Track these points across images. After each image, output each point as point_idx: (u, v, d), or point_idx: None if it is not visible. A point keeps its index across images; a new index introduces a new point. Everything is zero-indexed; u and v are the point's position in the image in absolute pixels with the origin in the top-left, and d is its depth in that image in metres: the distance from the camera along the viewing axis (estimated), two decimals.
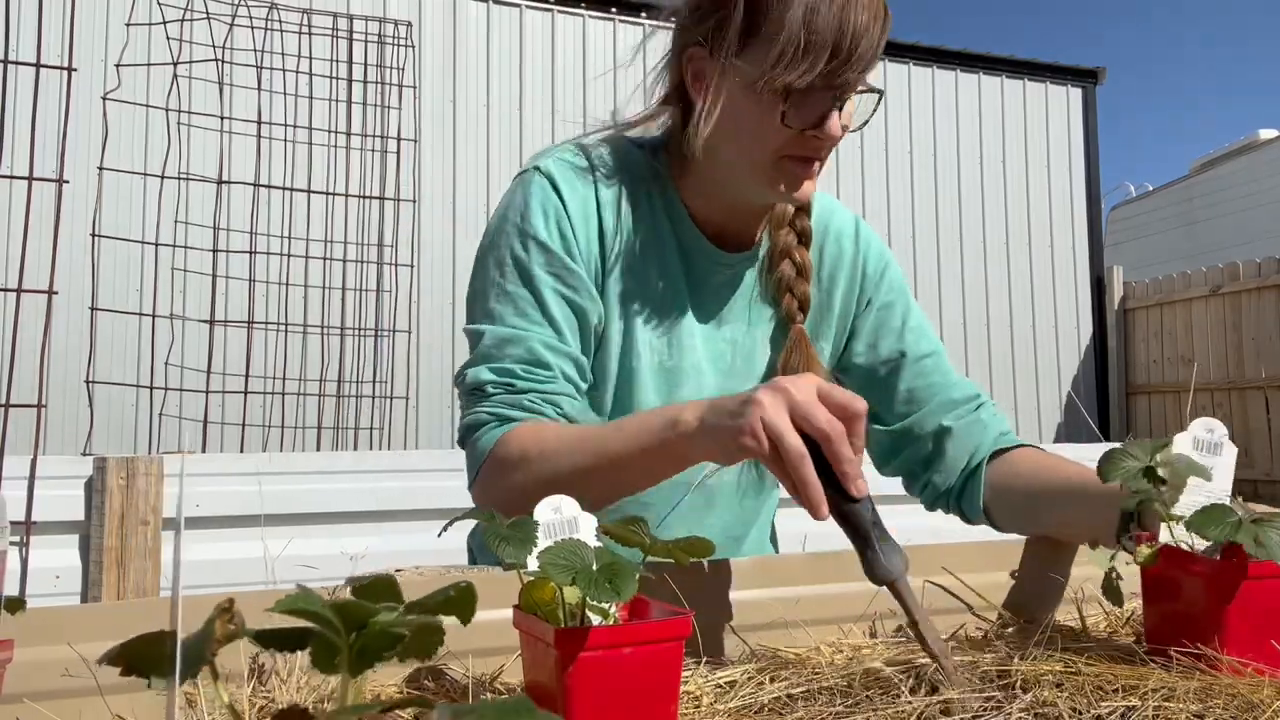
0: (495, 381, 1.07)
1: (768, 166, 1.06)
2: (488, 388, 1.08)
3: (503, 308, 1.10)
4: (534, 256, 1.10)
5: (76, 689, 0.67)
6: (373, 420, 5.19)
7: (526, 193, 1.12)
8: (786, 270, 1.18)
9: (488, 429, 1.07)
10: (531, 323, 1.09)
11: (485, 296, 1.12)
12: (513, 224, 1.12)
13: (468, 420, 1.09)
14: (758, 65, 1.01)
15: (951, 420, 1.19)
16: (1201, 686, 0.65)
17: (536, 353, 1.07)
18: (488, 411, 1.07)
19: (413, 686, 0.72)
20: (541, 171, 1.13)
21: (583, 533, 0.68)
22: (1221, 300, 7.93)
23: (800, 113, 1.02)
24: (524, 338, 1.08)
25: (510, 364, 1.07)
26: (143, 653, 0.43)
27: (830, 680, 0.71)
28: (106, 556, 2.37)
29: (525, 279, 1.10)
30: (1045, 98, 8.07)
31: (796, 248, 1.18)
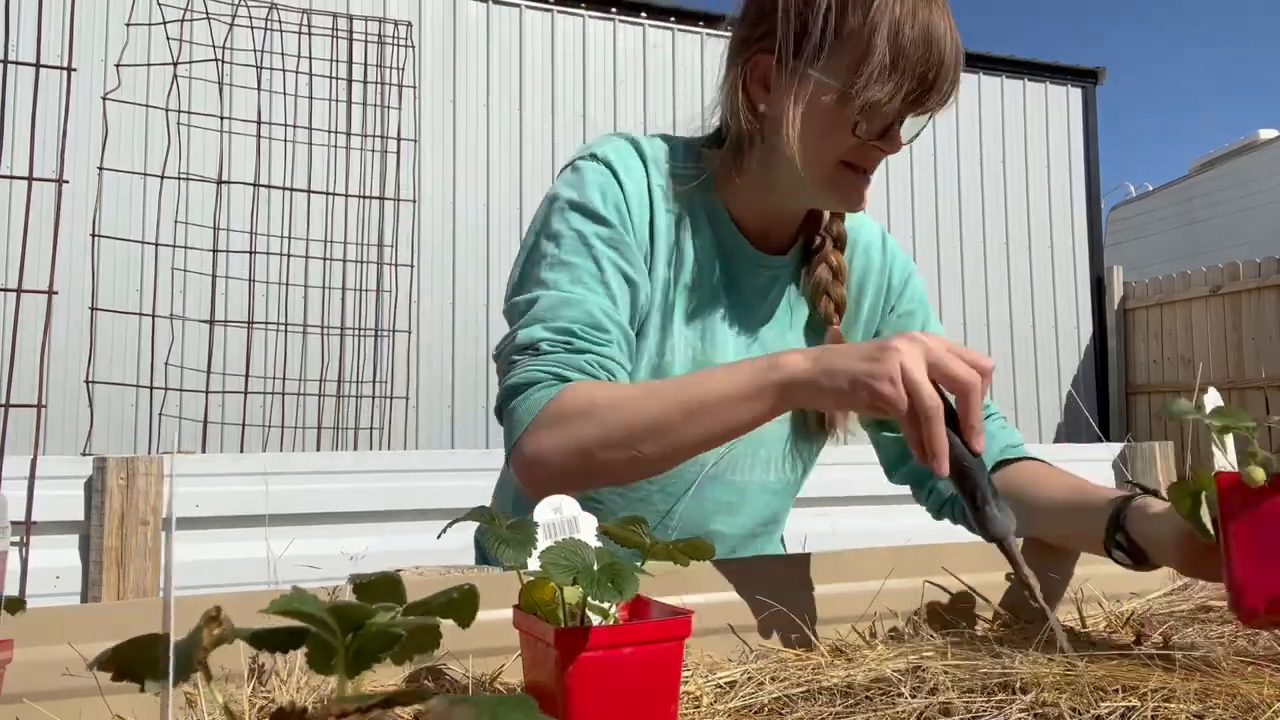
0: (551, 339, 1.02)
1: (828, 173, 1.09)
2: (543, 345, 1.02)
3: (558, 275, 1.06)
4: (592, 228, 1.09)
5: (76, 689, 0.67)
6: (373, 420, 5.19)
7: (583, 175, 1.12)
8: (823, 274, 1.20)
9: (541, 387, 1.00)
10: (589, 290, 1.06)
11: (536, 267, 1.08)
12: (568, 201, 1.11)
13: (517, 378, 1.02)
14: (838, 77, 1.04)
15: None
16: (1201, 687, 0.65)
17: (595, 316, 1.04)
18: (542, 369, 1.01)
19: (412, 686, 0.72)
20: (598, 158, 1.13)
21: (583, 533, 0.68)
22: (1221, 300, 7.93)
23: (871, 125, 1.05)
24: (581, 301, 1.05)
25: (567, 323, 1.03)
26: (134, 656, 0.43)
27: (830, 680, 0.71)
28: (106, 556, 2.37)
29: (583, 249, 1.08)
30: (1045, 98, 8.07)
31: (832, 251, 1.20)
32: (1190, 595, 0.96)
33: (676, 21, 7.10)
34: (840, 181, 1.09)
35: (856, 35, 1.02)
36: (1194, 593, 0.97)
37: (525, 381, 1.01)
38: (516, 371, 1.02)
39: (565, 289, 1.05)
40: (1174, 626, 0.88)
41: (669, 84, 7.04)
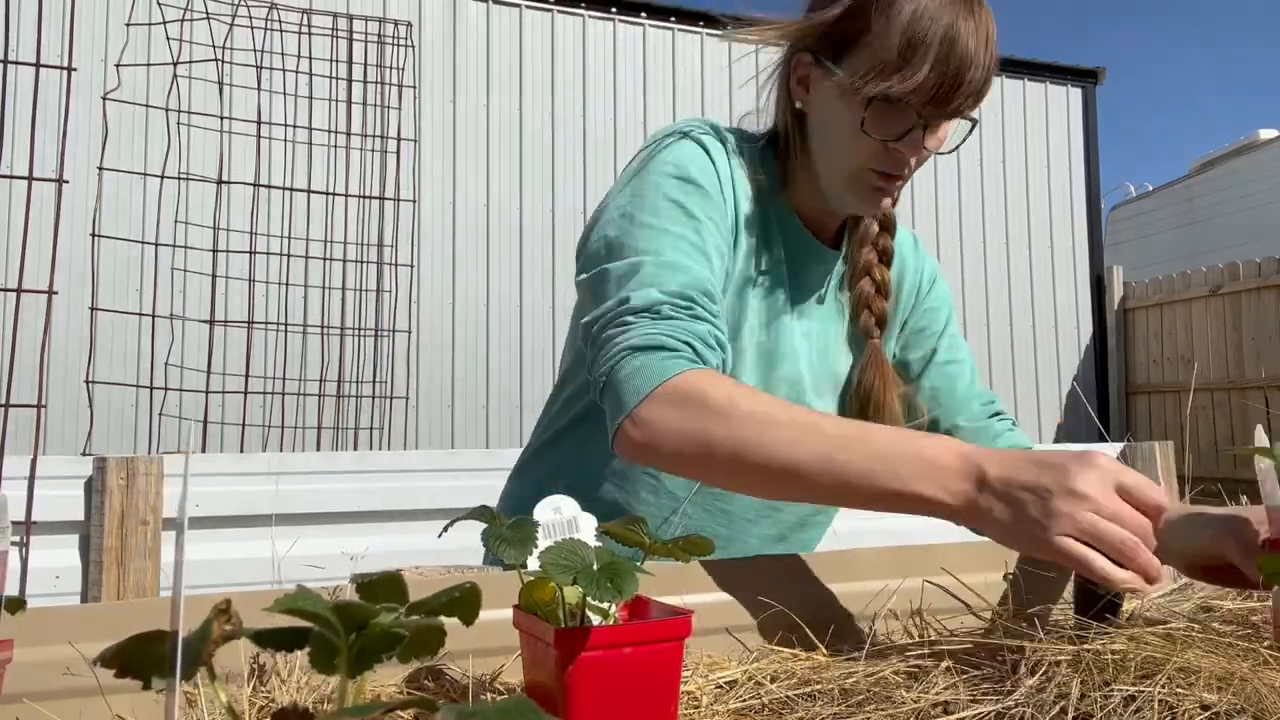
0: (674, 304, 0.96)
1: (849, 175, 1.09)
2: (664, 308, 0.95)
3: (661, 244, 1.01)
4: (693, 199, 1.06)
5: (76, 689, 0.67)
6: (373, 420, 5.19)
7: (679, 150, 1.10)
8: (866, 287, 1.20)
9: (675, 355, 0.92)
10: (693, 260, 1.02)
11: (631, 235, 1.03)
12: (662, 174, 1.07)
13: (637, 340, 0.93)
14: (852, 72, 1.03)
15: (964, 420, 1.24)
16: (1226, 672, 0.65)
17: (705, 284, 1.00)
18: (668, 334, 0.94)
19: (413, 686, 0.72)
20: (690, 137, 1.12)
21: (583, 533, 0.68)
22: (1221, 300, 7.93)
23: (882, 125, 1.04)
24: (691, 269, 1.00)
25: (684, 289, 0.98)
26: (138, 653, 0.43)
27: (830, 680, 0.71)
28: (106, 556, 2.37)
29: (684, 219, 1.04)
30: (1045, 98, 8.07)
31: (877, 265, 1.21)
32: (1190, 595, 0.96)
33: (676, 21, 7.10)
34: (860, 184, 1.09)
35: (877, 33, 1.01)
36: (1194, 592, 0.97)
37: (650, 344, 0.93)
38: (635, 333, 0.94)
39: (669, 257, 1.00)
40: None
41: (669, 84, 7.04)
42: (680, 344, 0.94)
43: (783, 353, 1.18)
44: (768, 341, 1.17)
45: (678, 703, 0.62)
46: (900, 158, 1.06)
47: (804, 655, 0.79)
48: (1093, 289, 8.14)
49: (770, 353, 1.17)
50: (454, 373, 6.34)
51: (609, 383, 0.95)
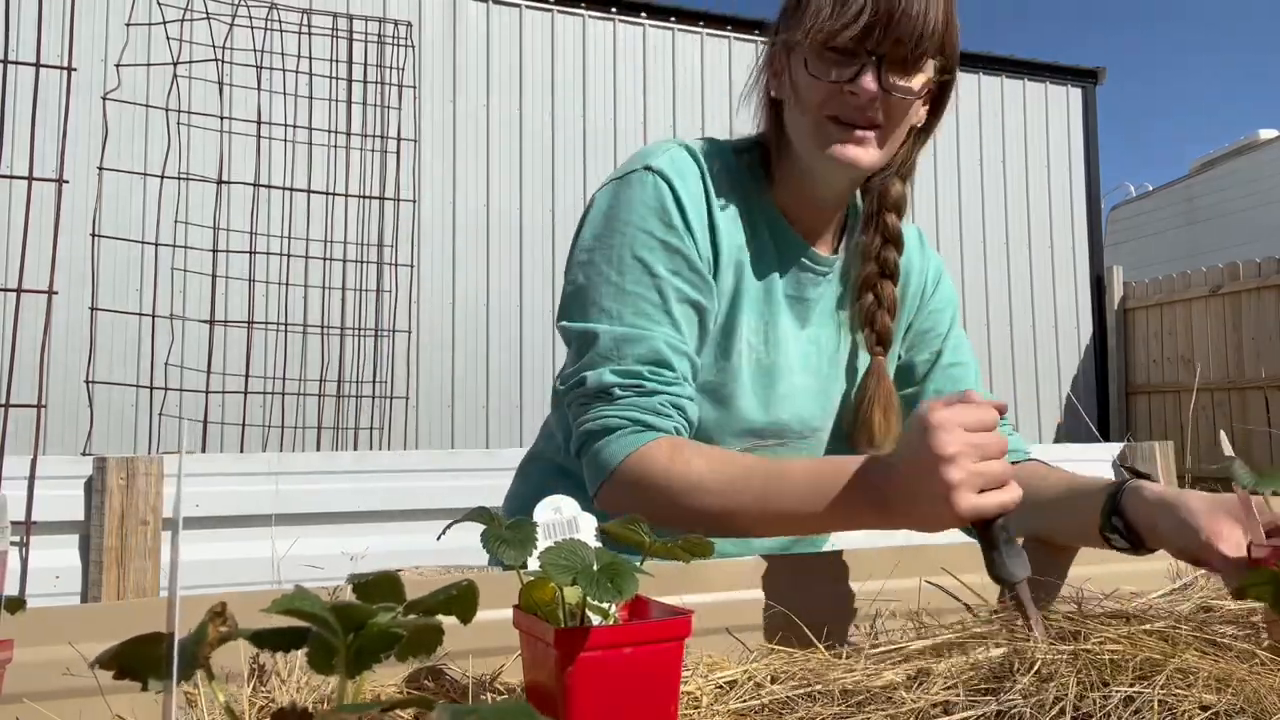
0: (622, 384, 1.04)
1: (812, 127, 1.09)
2: (614, 390, 1.04)
3: (621, 306, 1.07)
4: (656, 254, 1.08)
5: (76, 689, 0.67)
6: (373, 420, 5.19)
7: (641, 191, 1.11)
8: (868, 302, 1.20)
9: (621, 435, 1.03)
10: (653, 322, 1.06)
11: (598, 294, 1.08)
12: (627, 222, 1.09)
13: (593, 425, 1.04)
14: (797, 29, 1.07)
15: None
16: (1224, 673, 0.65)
17: (660, 353, 1.05)
18: (619, 415, 1.03)
19: (412, 686, 0.72)
20: (654, 170, 1.11)
21: (583, 533, 0.68)
22: (1221, 300, 7.93)
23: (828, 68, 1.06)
24: (646, 337, 1.05)
25: (634, 364, 1.04)
26: (136, 655, 0.43)
27: (830, 680, 0.71)
28: (106, 556, 2.37)
29: (647, 278, 1.07)
30: (1045, 98, 8.07)
31: (881, 280, 1.20)
32: (1190, 595, 0.96)
33: (676, 21, 7.10)
34: (822, 137, 1.08)
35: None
36: (1194, 592, 0.97)
37: (602, 429, 1.03)
38: (592, 417, 1.04)
39: (628, 321, 1.06)
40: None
41: (669, 84, 7.04)
42: (629, 422, 1.03)
43: (780, 367, 1.17)
44: (766, 357, 1.16)
45: (678, 703, 0.62)
46: (855, 101, 1.06)
47: (804, 655, 0.79)
48: (1093, 289, 8.14)
49: (769, 368, 1.16)
50: (454, 373, 6.34)
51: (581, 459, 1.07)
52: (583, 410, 1.06)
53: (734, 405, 1.14)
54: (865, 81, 1.04)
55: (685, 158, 1.14)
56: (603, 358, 1.05)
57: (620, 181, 1.13)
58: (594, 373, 1.05)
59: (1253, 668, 0.68)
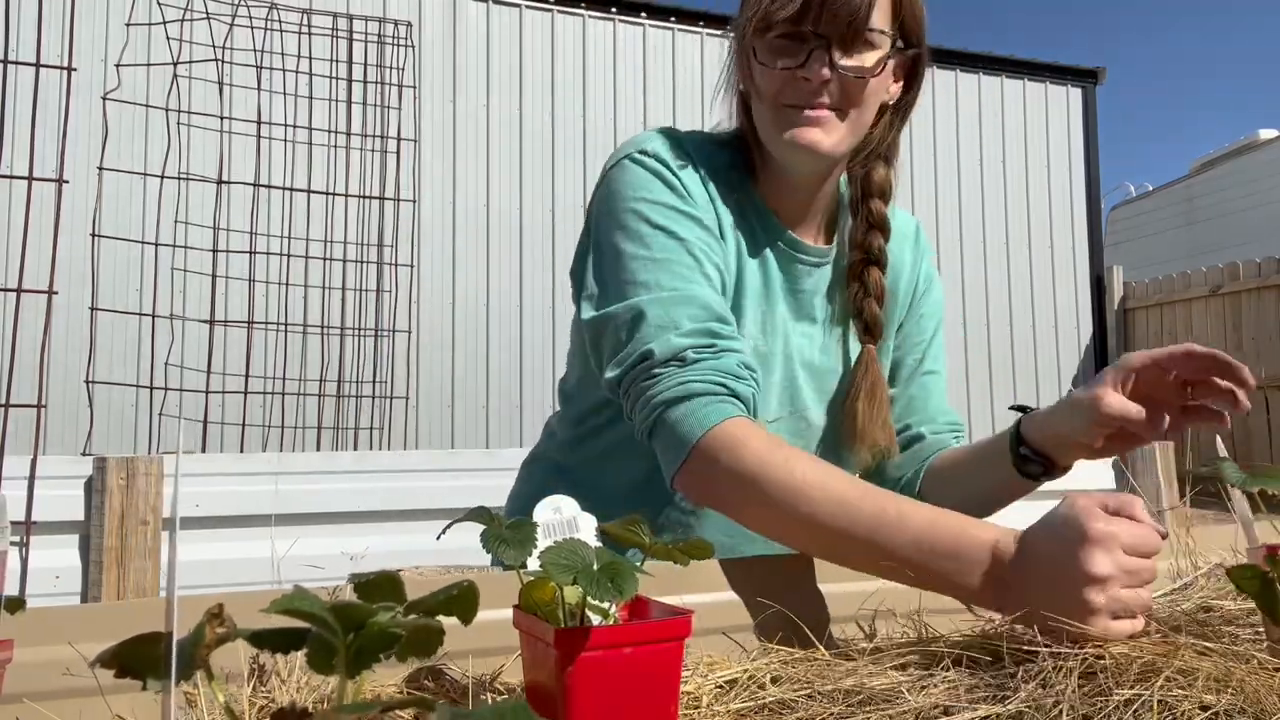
0: (696, 346, 0.96)
1: (771, 115, 1.08)
2: (688, 353, 0.96)
3: (657, 274, 1.01)
4: (674, 220, 1.05)
5: (76, 689, 0.67)
6: (373, 420, 5.19)
7: (637, 172, 1.08)
8: (855, 290, 1.19)
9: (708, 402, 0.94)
10: (693, 283, 1.01)
11: (627, 271, 1.02)
12: (632, 199, 1.06)
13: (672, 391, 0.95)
14: (745, 18, 1.07)
15: (927, 430, 1.26)
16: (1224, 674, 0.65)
17: (715, 309, 1.00)
18: (700, 380, 0.95)
19: (412, 686, 0.72)
20: (648, 153, 1.09)
21: (583, 533, 0.68)
22: (1221, 300, 7.93)
23: (778, 55, 1.05)
24: (694, 296, 1.00)
25: (695, 323, 0.98)
26: (136, 654, 0.43)
27: (831, 680, 0.71)
28: (106, 556, 2.37)
29: (674, 243, 1.03)
30: (1045, 98, 8.07)
31: (867, 267, 1.19)
32: (1190, 595, 0.96)
33: (676, 21, 7.10)
34: (781, 123, 1.07)
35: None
36: (1194, 592, 0.97)
37: (682, 394, 0.95)
38: (667, 384, 0.96)
39: (669, 286, 1.00)
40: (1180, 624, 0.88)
41: (669, 84, 7.04)
42: (714, 386, 0.95)
43: (776, 355, 1.17)
44: (764, 346, 1.16)
45: (678, 703, 0.62)
46: (808, 86, 1.05)
47: (804, 655, 0.79)
48: (1093, 289, 8.14)
49: (765, 356, 1.16)
50: (454, 373, 6.34)
51: (654, 435, 0.98)
52: (653, 382, 0.97)
53: None
54: (814, 65, 1.04)
55: (675, 141, 1.13)
56: (659, 328, 0.98)
57: (616, 168, 1.11)
58: (659, 341, 0.97)
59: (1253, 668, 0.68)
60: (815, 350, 1.20)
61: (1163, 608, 0.90)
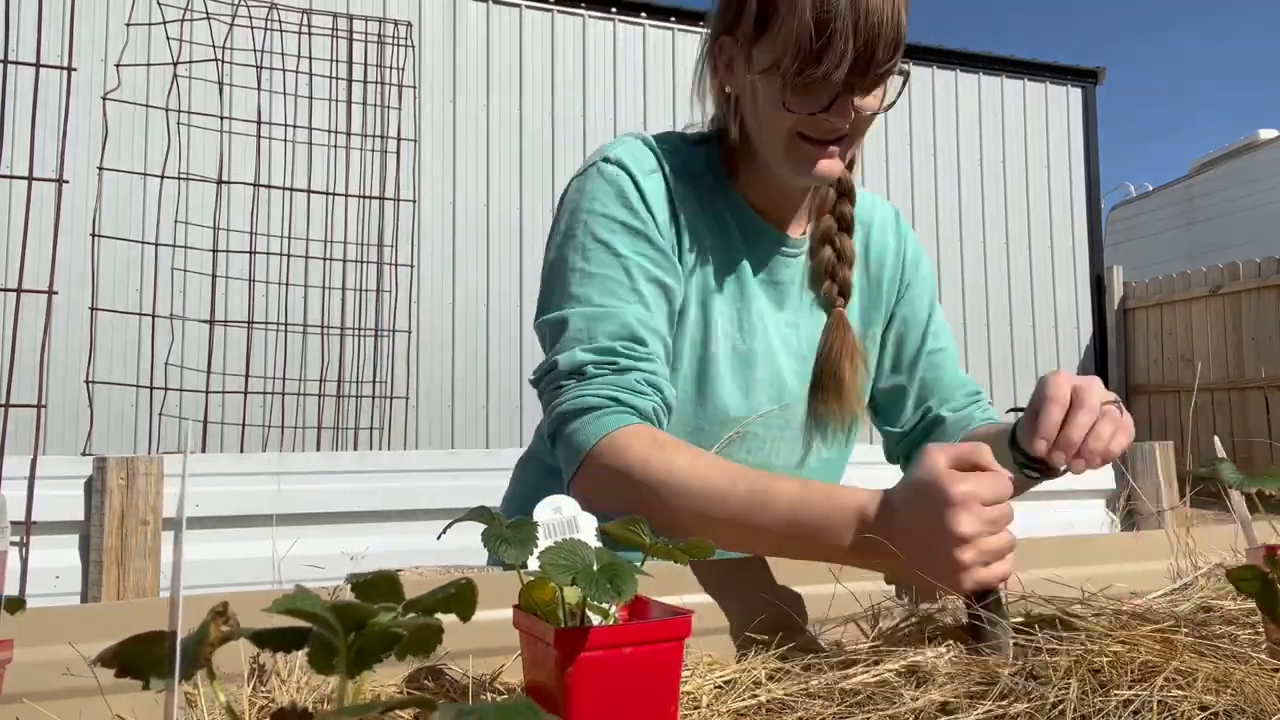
0: (597, 361, 1.01)
1: (782, 145, 1.08)
2: (588, 369, 1.01)
3: (588, 289, 1.05)
4: (618, 235, 1.08)
5: (76, 689, 0.67)
6: (373, 420, 5.19)
7: (599, 182, 1.11)
8: (827, 255, 1.20)
9: (599, 415, 0.99)
10: (621, 300, 1.05)
11: (565, 283, 1.07)
12: (588, 211, 1.09)
13: (569, 405, 1.00)
14: (769, 53, 1.03)
15: (948, 412, 1.27)
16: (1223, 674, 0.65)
17: (632, 328, 1.03)
18: (595, 394, 1.00)
19: (412, 686, 0.72)
20: (611, 161, 1.11)
21: (583, 533, 0.68)
22: (1221, 300, 7.93)
23: (805, 100, 1.04)
24: (616, 313, 1.03)
25: (607, 341, 1.02)
26: (137, 654, 0.43)
27: (830, 680, 0.71)
28: (106, 556, 2.37)
29: (610, 258, 1.06)
30: (1045, 98, 8.07)
31: (838, 233, 1.20)
32: (1190, 595, 0.96)
33: (676, 21, 7.10)
34: (794, 152, 1.08)
35: (784, 10, 1.01)
36: (1194, 592, 0.97)
37: (577, 408, 1.00)
38: (566, 397, 1.01)
39: (597, 302, 1.04)
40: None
41: (669, 84, 7.04)
42: (606, 400, 0.99)
43: (758, 352, 1.17)
44: (743, 343, 1.17)
45: (678, 703, 0.62)
46: (828, 125, 1.06)
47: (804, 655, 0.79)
48: (1093, 289, 8.14)
49: (746, 354, 1.17)
50: (454, 373, 6.35)
51: (555, 444, 1.03)
52: (556, 393, 1.03)
53: (715, 395, 1.15)
54: (841, 111, 1.04)
55: (642, 148, 1.14)
56: (574, 340, 1.03)
57: (581, 178, 1.13)
58: (566, 354, 1.02)
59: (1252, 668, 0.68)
60: (801, 340, 1.21)
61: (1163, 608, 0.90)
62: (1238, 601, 0.90)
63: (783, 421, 1.20)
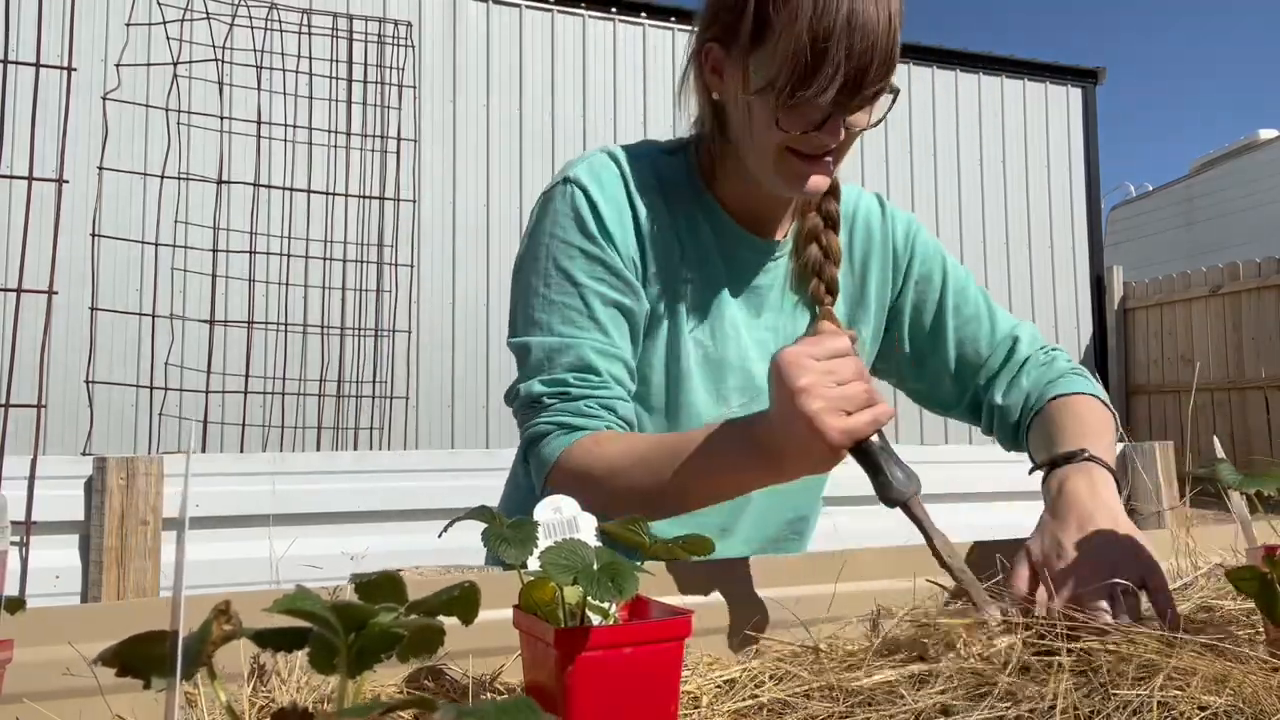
0: (549, 393, 1.08)
1: (771, 160, 1.08)
2: (543, 399, 1.09)
3: (549, 317, 1.11)
4: (576, 263, 1.11)
5: (76, 689, 0.67)
6: (373, 420, 5.19)
7: (560, 204, 1.13)
8: (813, 253, 1.19)
9: (551, 438, 1.07)
10: (579, 329, 1.10)
11: (529, 308, 1.12)
12: (549, 234, 1.13)
13: (530, 433, 1.10)
14: (763, 71, 1.03)
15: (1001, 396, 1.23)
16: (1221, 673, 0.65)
17: (587, 359, 1.09)
18: (547, 421, 1.08)
19: (413, 686, 0.72)
20: (570, 180, 1.14)
21: (583, 532, 0.68)
22: (1221, 300, 7.93)
23: (797, 119, 1.04)
24: (573, 345, 1.09)
25: (561, 373, 1.08)
26: (138, 653, 0.43)
27: (831, 680, 0.71)
28: (106, 556, 2.37)
29: (569, 286, 1.11)
30: (1045, 98, 8.07)
31: (823, 231, 1.19)
32: (1190, 595, 0.96)
33: (676, 21, 7.10)
34: (784, 168, 1.08)
35: (780, 28, 1.00)
36: (1194, 592, 0.97)
37: (535, 435, 1.08)
38: (527, 428, 1.10)
39: (557, 331, 1.10)
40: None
41: (669, 84, 7.04)
42: (556, 426, 1.07)
43: (729, 359, 1.17)
44: (714, 351, 1.17)
45: (678, 703, 0.62)
46: (819, 141, 1.05)
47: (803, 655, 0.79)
48: (1093, 289, 8.14)
49: (717, 362, 1.17)
50: (454, 373, 6.35)
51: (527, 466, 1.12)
52: (521, 421, 1.12)
53: (688, 404, 1.16)
54: (832, 129, 1.04)
55: (606, 163, 1.15)
56: (534, 370, 1.10)
57: (545, 196, 1.17)
58: (525, 385, 1.10)
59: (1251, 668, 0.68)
60: (780, 342, 1.20)
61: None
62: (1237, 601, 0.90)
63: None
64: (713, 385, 1.17)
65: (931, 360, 1.27)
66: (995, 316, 1.27)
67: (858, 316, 1.26)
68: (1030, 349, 1.24)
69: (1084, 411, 1.13)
